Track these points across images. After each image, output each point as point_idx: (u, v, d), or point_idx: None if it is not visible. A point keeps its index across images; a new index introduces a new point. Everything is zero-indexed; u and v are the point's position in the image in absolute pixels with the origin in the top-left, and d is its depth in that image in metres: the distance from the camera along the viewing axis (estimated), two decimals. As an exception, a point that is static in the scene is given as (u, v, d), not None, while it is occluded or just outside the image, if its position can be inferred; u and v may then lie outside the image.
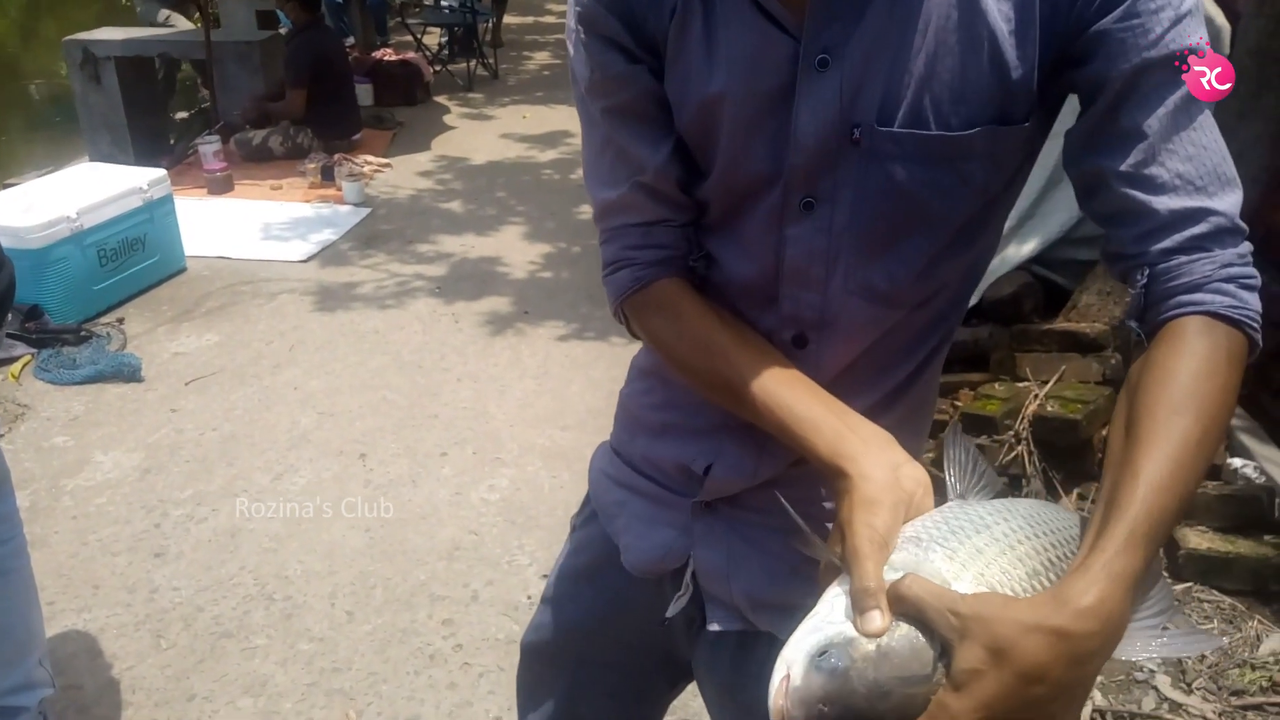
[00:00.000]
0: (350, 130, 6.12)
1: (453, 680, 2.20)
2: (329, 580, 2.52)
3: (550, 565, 1.24)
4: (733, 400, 0.85)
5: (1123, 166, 0.74)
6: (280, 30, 6.93)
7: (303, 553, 2.62)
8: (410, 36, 8.48)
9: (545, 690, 1.19)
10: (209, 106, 6.54)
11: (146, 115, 6.25)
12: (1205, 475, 0.72)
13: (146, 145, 6.09)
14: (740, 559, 0.97)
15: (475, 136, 6.68)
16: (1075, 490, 2.62)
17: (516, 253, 4.73)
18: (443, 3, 8.76)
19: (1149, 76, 0.73)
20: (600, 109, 0.89)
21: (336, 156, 5.79)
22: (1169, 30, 0.72)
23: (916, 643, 0.62)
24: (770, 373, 0.83)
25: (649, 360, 1.04)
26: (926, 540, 0.68)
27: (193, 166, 5.63)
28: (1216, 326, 0.72)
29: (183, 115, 7.28)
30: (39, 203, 3.83)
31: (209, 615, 2.39)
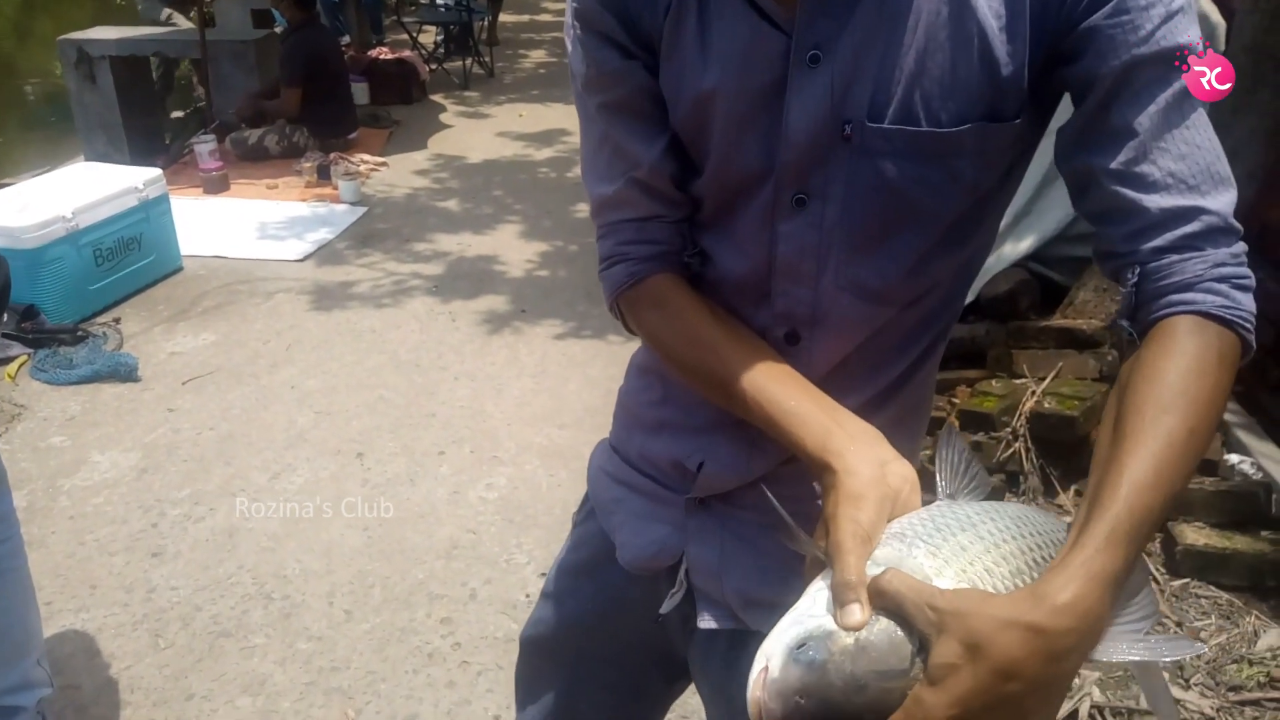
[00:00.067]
0: (346, 129, 6.11)
1: (451, 679, 2.20)
2: (327, 579, 2.52)
3: (548, 564, 1.25)
4: (723, 395, 0.86)
5: (1113, 164, 0.74)
6: (275, 29, 6.92)
7: (301, 552, 2.62)
8: (406, 35, 8.47)
9: (544, 684, 1.19)
10: (204, 106, 6.53)
11: (142, 115, 6.25)
12: (1194, 475, 0.72)
13: (142, 145, 6.09)
14: (733, 556, 0.97)
15: (471, 135, 6.67)
16: (1072, 487, 2.62)
17: (513, 251, 4.73)
18: (438, 1, 8.75)
19: (1140, 73, 0.73)
20: (596, 105, 0.89)
21: (332, 155, 5.78)
22: (1159, 27, 0.72)
23: (895, 637, 0.62)
24: (760, 368, 0.83)
25: (648, 358, 1.04)
26: (911, 536, 0.68)
27: (188, 166, 5.62)
28: (1208, 326, 0.71)
29: (178, 115, 7.28)
30: (34, 202, 3.82)
31: (207, 615, 2.39)
